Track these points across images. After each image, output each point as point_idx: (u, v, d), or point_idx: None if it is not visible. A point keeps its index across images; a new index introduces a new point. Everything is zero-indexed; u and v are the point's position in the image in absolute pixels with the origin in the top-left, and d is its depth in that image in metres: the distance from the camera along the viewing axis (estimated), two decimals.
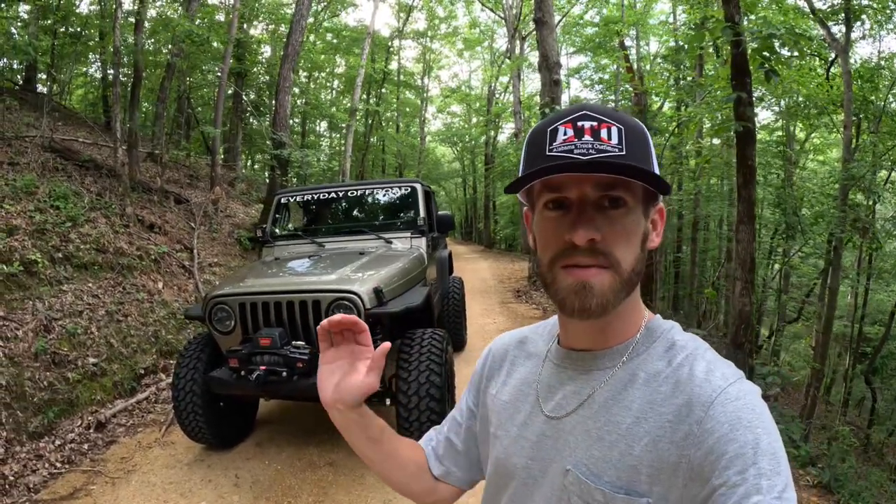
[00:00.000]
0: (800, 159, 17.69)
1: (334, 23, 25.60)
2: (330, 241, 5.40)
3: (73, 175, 8.51)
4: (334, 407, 1.01)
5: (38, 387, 4.89)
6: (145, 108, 17.94)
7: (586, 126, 0.81)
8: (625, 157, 0.79)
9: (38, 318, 5.42)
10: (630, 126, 0.82)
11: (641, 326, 0.90)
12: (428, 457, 1.16)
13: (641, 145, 0.82)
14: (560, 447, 0.88)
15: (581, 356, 0.91)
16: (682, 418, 0.77)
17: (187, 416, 4.12)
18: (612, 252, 0.81)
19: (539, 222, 0.88)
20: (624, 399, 0.84)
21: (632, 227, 0.83)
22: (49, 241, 6.36)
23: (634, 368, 0.86)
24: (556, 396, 0.92)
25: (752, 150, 5.21)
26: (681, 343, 0.87)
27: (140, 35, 10.35)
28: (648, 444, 0.78)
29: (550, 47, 11.72)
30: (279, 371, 3.56)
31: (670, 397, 0.80)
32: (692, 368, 0.81)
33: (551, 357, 0.98)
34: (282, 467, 4.18)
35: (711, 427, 0.74)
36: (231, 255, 10.22)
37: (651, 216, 0.88)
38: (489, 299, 11.62)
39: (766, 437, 0.71)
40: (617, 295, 0.82)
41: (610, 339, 0.89)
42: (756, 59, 4.97)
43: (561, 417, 0.90)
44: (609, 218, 0.81)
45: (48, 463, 4.33)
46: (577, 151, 0.80)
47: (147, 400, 5.68)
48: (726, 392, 0.76)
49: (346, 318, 0.98)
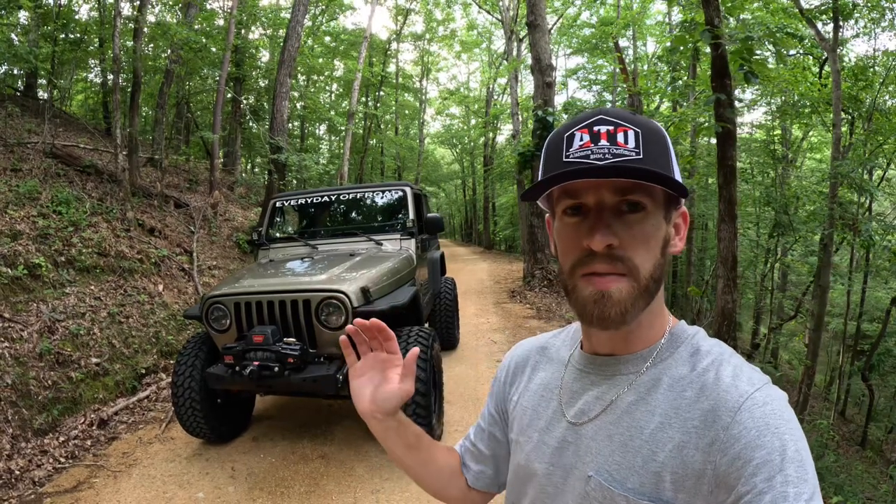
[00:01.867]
0: (797, 158, 17.80)
1: (332, 27, 25.67)
2: (323, 243, 5.58)
3: (75, 180, 8.65)
4: (372, 417, 1.01)
5: (43, 386, 5.03)
6: (145, 113, 18.07)
7: (602, 130, 0.80)
8: (642, 160, 0.78)
9: (42, 320, 5.57)
10: (647, 129, 0.81)
11: (666, 332, 0.89)
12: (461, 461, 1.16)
13: (660, 148, 0.81)
14: (582, 453, 0.87)
15: (604, 361, 0.90)
16: (708, 424, 0.76)
17: (186, 412, 4.30)
18: (631, 258, 0.80)
19: (559, 229, 0.87)
20: (648, 404, 0.83)
21: (651, 232, 0.81)
22: (52, 245, 6.52)
23: (659, 373, 0.85)
24: (579, 402, 0.91)
25: (731, 150, 5.34)
26: (706, 348, 0.86)
27: (139, 42, 10.48)
28: (673, 451, 0.77)
29: (543, 50, 11.87)
30: (272, 366, 3.75)
31: (695, 402, 0.79)
32: (718, 373, 0.80)
33: (574, 362, 0.97)
34: (276, 460, 4.34)
35: (738, 433, 0.72)
36: (230, 258, 10.35)
37: (673, 220, 0.87)
38: (484, 300, 11.75)
39: (794, 443, 0.70)
40: (636, 304, 0.81)
41: (634, 345, 0.88)
42: (736, 62, 5.12)
43: (583, 423, 0.88)
44: (627, 223, 0.80)
45: (52, 458, 4.47)
46: (593, 157, 0.79)
47: (148, 398, 5.81)
48: (753, 397, 0.75)
49: (374, 322, 0.98)
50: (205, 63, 15.03)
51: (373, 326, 0.98)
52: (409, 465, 1.10)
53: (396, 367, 1.01)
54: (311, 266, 4.76)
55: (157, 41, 12.87)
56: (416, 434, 1.08)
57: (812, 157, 20.07)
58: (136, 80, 10.50)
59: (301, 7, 13.33)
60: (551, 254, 1.01)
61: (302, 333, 4.00)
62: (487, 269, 17.64)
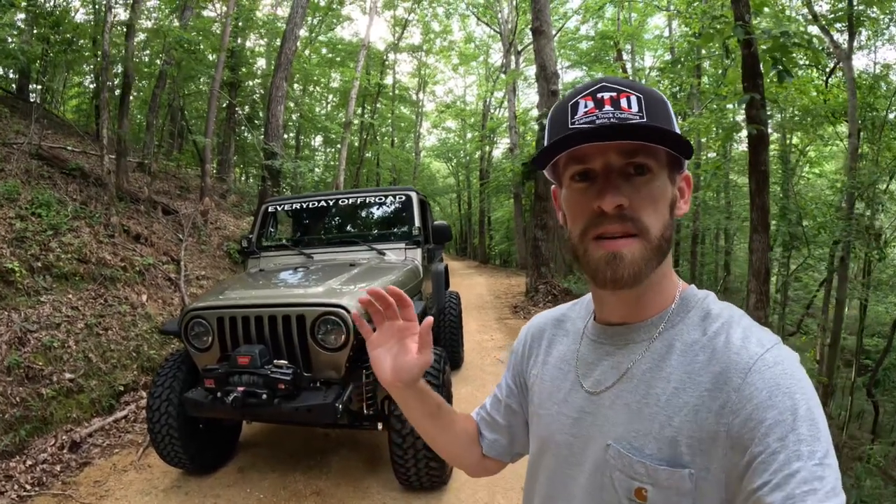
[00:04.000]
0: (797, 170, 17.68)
1: (329, 37, 25.59)
2: (319, 252, 5.15)
3: (59, 183, 8.32)
4: (393, 386, 1.03)
5: (10, 403, 4.67)
6: (138, 119, 17.83)
7: (606, 97, 0.82)
8: (646, 123, 0.80)
9: (12, 330, 5.20)
10: (649, 93, 0.83)
11: (676, 296, 0.90)
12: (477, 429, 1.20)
13: (662, 111, 0.83)
14: (600, 423, 0.89)
15: (617, 330, 0.92)
16: (719, 387, 0.76)
17: (163, 440, 3.83)
18: (641, 218, 0.81)
19: (567, 196, 0.88)
20: (662, 371, 0.84)
21: (658, 193, 0.83)
22: (28, 249, 6.15)
23: (671, 339, 0.86)
24: (595, 372, 0.92)
25: (765, 154, 5.03)
26: (716, 312, 0.87)
27: (131, 41, 10.18)
28: (688, 415, 0.78)
29: (548, 57, 11.60)
30: (259, 393, 3.23)
31: (707, 366, 0.79)
32: (728, 336, 0.81)
33: (588, 333, 0.98)
34: (264, 496, 3.88)
35: (749, 394, 0.73)
36: (220, 268, 9.97)
37: (678, 183, 0.89)
38: (486, 315, 11.43)
39: (805, 402, 0.71)
40: (648, 263, 0.82)
41: (645, 311, 0.89)
42: (767, 60, 4.77)
43: (600, 392, 0.90)
44: (635, 185, 0.82)
45: (17, 484, 4.09)
46: (598, 122, 0.81)
47: (126, 419, 5.39)
48: (763, 358, 0.76)
49: (392, 289, 1.01)
50: (199, 65, 14.72)
51: (389, 294, 1.00)
52: (428, 430, 1.14)
53: (414, 336, 1.02)
54: (307, 277, 4.30)
55: (151, 43, 12.62)
56: (437, 403, 1.11)
57: (811, 171, 20.00)
58: (127, 81, 10.22)
59: (299, 9, 13.10)
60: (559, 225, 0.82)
61: (295, 354, 3.48)
62: (485, 284, 17.35)
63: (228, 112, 17.92)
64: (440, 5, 27.07)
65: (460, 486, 3.84)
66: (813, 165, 19.33)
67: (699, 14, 10.59)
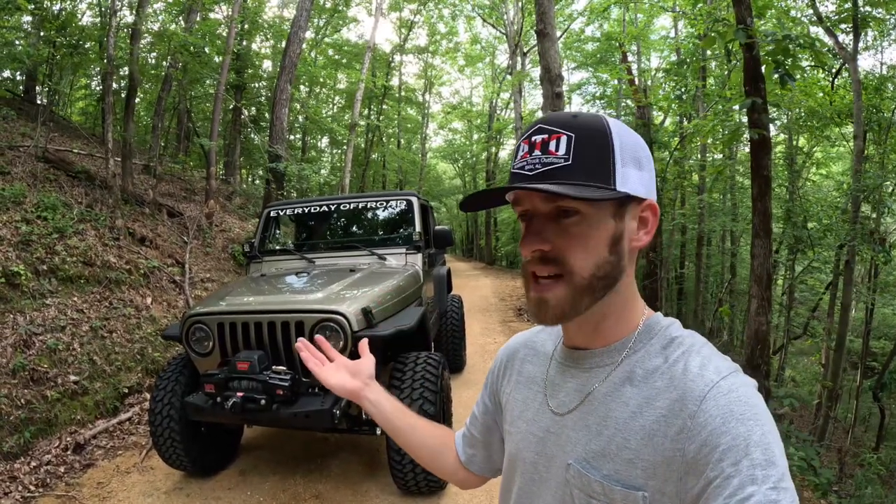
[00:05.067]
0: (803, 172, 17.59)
1: (335, 39, 25.61)
2: (320, 256, 5.19)
3: (64, 186, 8.34)
4: (359, 391, 1.22)
5: (15, 405, 4.72)
6: (144, 121, 17.89)
7: (537, 140, 0.84)
8: (570, 166, 0.81)
9: (17, 333, 5.25)
10: (584, 132, 0.83)
11: (640, 324, 0.91)
12: (456, 442, 1.26)
13: (594, 150, 0.83)
14: (563, 443, 0.91)
15: (580, 354, 0.94)
16: (675, 413, 0.78)
17: (164, 442, 3.87)
18: (566, 259, 0.83)
19: None
20: (622, 395, 0.85)
21: (588, 233, 0.84)
22: (34, 252, 6.20)
23: (632, 365, 0.87)
24: (561, 394, 0.95)
25: (767, 159, 5.01)
26: (679, 339, 0.88)
27: (136, 44, 10.21)
28: (644, 439, 0.80)
29: (552, 59, 11.54)
30: (258, 398, 3.27)
31: (665, 392, 0.81)
32: (687, 364, 0.82)
33: (557, 356, 1.01)
34: (264, 498, 3.92)
35: (704, 421, 0.75)
36: (224, 271, 10.00)
37: (635, 215, 0.88)
38: (490, 318, 11.41)
39: (759, 428, 0.72)
40: (575, 303, 0.84)
41: (606, 338, 0.91)
42: (770, 64, 4.76)
43: (564, 414, 0.93)
44: (563, 227, 0.84)
45: (22, 486, 4.15)
46: (527, 168, 0.84)
47: (129, 421, 5.43)
48: (718, 386, 0.77)
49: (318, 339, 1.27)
50: (205, 69, 14.77)
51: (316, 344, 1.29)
52: (397, 428, 1.22)
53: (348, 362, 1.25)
54: (307, 282, 4.33)
55: (157, 46, 12.66)
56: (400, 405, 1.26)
57: (817, 172, 19.88)
58: (133, 84, 10.24)
59: (304, 12, 13.09)
60: None
61: (294, 360, 3.51)
62: (491, 286, 17.28)
63: (234, 114, 17.95)
64: (446, 7, 27.03)
65: (458, 491, 3.85)
66: (820, 167, 19.25)
67: (704, 15, 10.56)
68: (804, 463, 4.79)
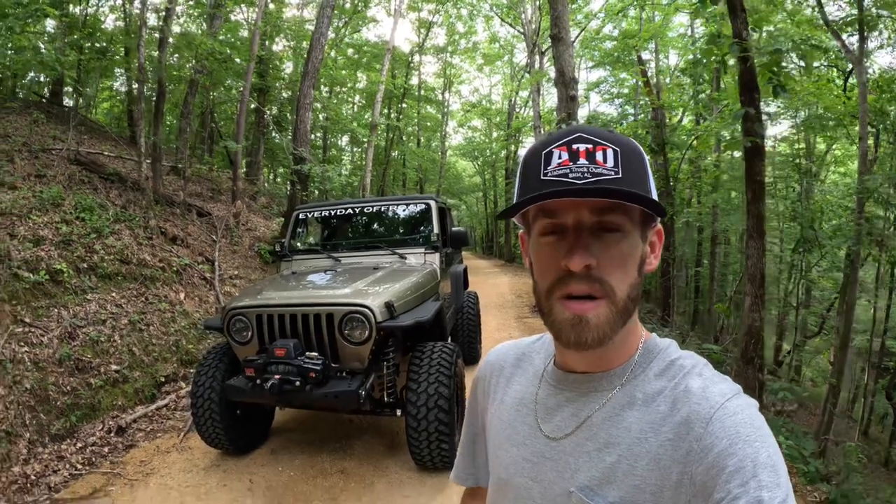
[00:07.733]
0: (821, 171, 17.52)
1: (355, 39, 25.82)
2: (346, 255, 5.57)
3: (99, 187, 8.71)
4: None
5: (62, 391, 5.07)
6: (169, 122, 18.27)
7: (581, 149, 0.80)
8: (621, 180, 0.78)
9: (62, 326, 5.60)
10: (626, 148, 0.81)
11: (639, 347, 0.90)
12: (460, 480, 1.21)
13: (637, 167, 0.81)
14: (561, 469, 0.88)
15: (578, 378, 0.91)
16: (681, 436, 0.78)
17: (205, 423, 4.27)
18: (608, 279, 0.80)
19: (535, 248, 0.87)
20: (623, 420, 0.84)
21: (628, 252, 0.82)
22: (74, 251, 6.55)
23: (632, 390, 0.86)
24: (555, 418, 0.91)
25: (760, 165, 5.25)
26: (679, 361, 0.87)
27: (164, 52, 10.59)
28: (650, 463, 0.79)
29: (567, 63, 11.78)
30: (293, 380, 3.69)
31: (669, 416, 0.80)
32: (688, 386, 0.82)
33: (548, 377, 0.97)
34: (294, 474, 4.28)
35: (711, 443, 0.75)
36: (251, 268, 10.36)
37: (649, 238, 0.87)
38: (506, 314, 11.65)
39: (765, 450, 0.73)
40: (614, 326, 0.81)
41: (608, 363, 0.89)
42: (765, 75, 5.03)
43: (559, 439, 0.89)
44: (605, 243, 0.80)
45: (69, 464, 4.48)
46: (572, 175, 0.79)
47: (167, 407, 5.80)
48: (724, 407, 0.77)
49: None
50: (229, 74, 15.15)
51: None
52: None
53: None
54: (334, 279, 4.71)
55: (183, 51, 13.01)
56: None
57: (836, 170, 19.78)
58: (161, 90, 10.62)
59: (325, 19, 13.40)
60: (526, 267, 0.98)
61: (324, 347, 3.94)
62: (509, 283, 17.46)
63: (257, 115, 18.31)
64: (464, 6, 27.07)
65: None
66: (838, 165, 19.18)
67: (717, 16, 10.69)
68: (797, 453, 5.05)
